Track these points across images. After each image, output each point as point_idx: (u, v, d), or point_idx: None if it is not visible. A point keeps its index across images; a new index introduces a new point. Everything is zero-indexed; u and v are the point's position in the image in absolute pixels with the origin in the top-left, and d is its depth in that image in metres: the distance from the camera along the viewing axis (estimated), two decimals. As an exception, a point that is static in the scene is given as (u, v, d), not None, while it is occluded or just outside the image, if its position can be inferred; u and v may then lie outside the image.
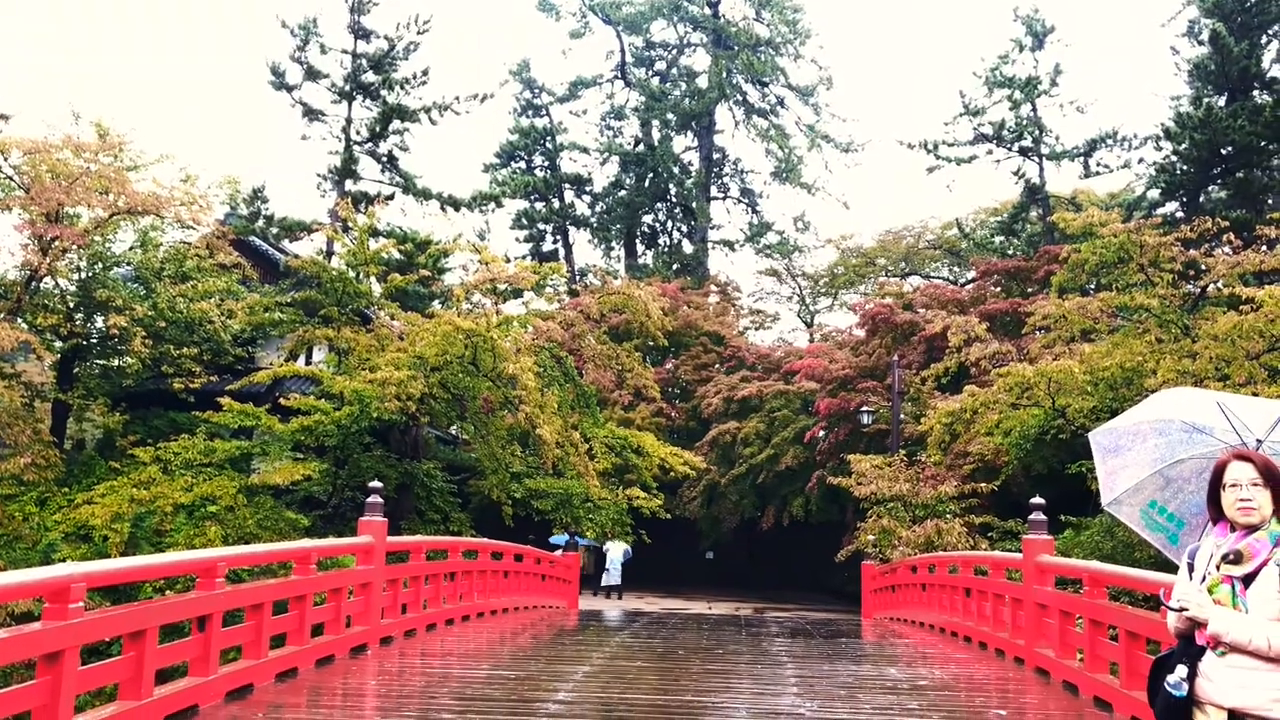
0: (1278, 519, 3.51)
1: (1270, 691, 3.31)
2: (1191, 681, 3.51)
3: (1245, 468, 3.53)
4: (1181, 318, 17.59)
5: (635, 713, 7.98)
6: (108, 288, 19.75)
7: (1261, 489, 3.49)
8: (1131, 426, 4.24)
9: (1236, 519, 3.51)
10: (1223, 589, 3.45)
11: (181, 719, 7.01)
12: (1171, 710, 3.54)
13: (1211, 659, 3.45)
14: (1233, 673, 3.37)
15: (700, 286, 41.66)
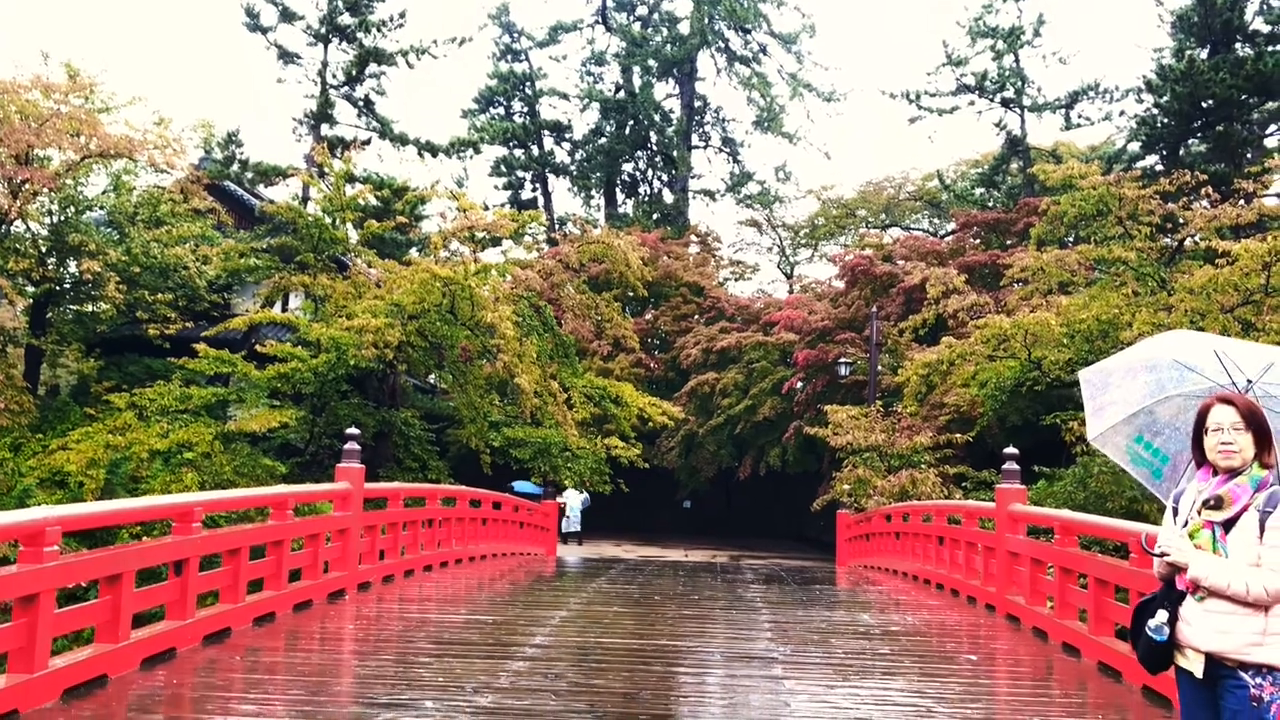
0: (1260, 463, 3.52)
1: (1247, 636, 3.35)
2: (1172, 626, 3.53)
3: (1227, 411, 3.53)
4: (1158, 271, 17.69)
5: (611, 656, 8.06)
6: (80, 232, 19.47)
7: (1243, 432, 3.49)
8: (1123, 364, 4.25)
9: (1218, 463, 3.51)
10: (1204, 534, 3.46)
11: (159, 661, 7.04)
12: (1153, 653, 3.58)
13: (1191, 604, 3.47)
14: (1211, 617, 3.39)
15: (680, 236, 41.49)
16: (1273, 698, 3.35)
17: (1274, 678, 3.36)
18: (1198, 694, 3.53)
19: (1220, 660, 3.40)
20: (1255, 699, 3.34)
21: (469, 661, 7.58)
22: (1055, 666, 8.32)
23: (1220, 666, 3.42)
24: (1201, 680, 3.48)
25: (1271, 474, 3.53)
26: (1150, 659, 3.61)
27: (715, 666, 7.86)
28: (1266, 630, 3.33)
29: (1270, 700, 3.34)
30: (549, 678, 7.11)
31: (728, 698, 6.80)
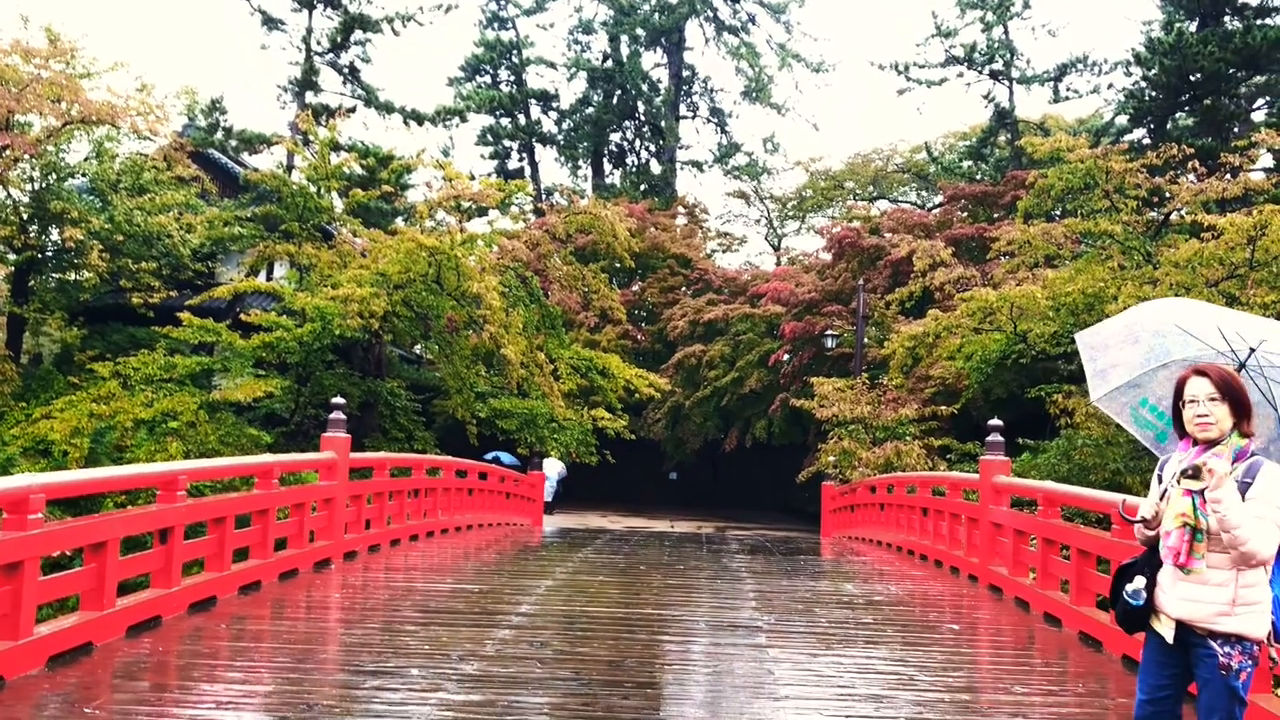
0: (1240, 432, 3.56)
1: (1214, 606, 3.42)
2: (1150, 591, 3.61)
3: (1202, 383, 3.56)
4: (1144, 244, 17.72)
5: (596, 624, 8.10)
6: (62, 199, 19.28)
7: (1219, 403, 3.53)
8: (1122, 328, 4.27)
9: (1196, 434, 3.56)
10: (1183, 502, 3.50)
11: (145, 629, 7.04)
12: (1129, 616, 3.66)
13: (1167, 571, 3.53)
14: (1183, 586, 3.47)
15: (668, 208, 41.35)
16: (1240, 665, 3.42)
17: (1242, 647, 3.43)
18: (1165, 655, 3.61)
19: (1191, 628, 3.47)
20: (1224, 667, 3.42)
21: (455, 630, 7.61)
22: (1037, 636, 8.41)
23: (1191, 634, 3.49)
24: (1172, 645, 3.55)
25: (1251, 443, 3.56)
26: (1127, 621, 3.70)
27: (700, 635, 7.91)
28: (1235, 601, 3.40)
29: (1239, 668, 3.42)
30: (535, 646, 7.15)
31: (712, 665, 6.84)
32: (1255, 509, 3.39)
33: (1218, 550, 3.46)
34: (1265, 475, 3.47)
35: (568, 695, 5.88)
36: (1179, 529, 3.50)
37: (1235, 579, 3.45)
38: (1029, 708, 6.00)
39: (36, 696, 5.44)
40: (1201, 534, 3.47)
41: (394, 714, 5.32)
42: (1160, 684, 3.62)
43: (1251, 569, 3.45)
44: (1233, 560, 3.45)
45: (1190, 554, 3.48)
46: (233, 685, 5.89)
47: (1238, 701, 3.46)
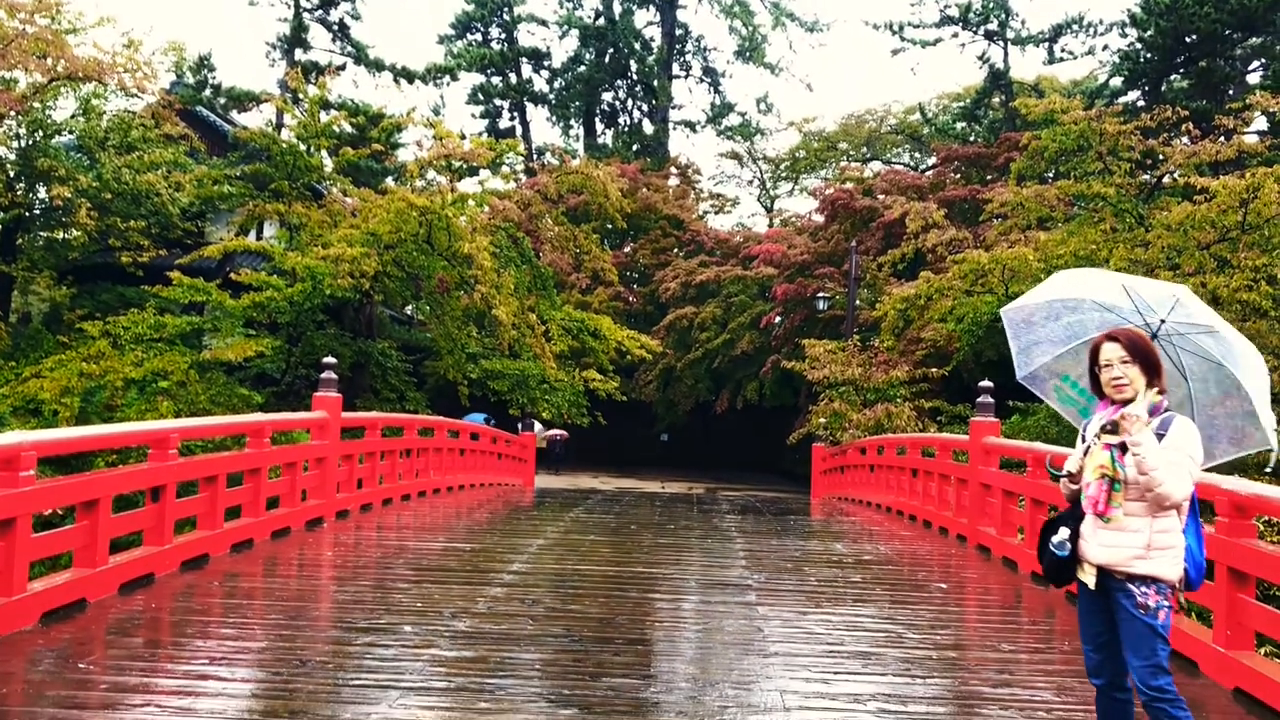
0: (1154, 389, 3.78)
1: (1130, 550, 3.67)
2: (1075, 543, 3.83)
3: (1114, 347, 3.78)
4: (1136, 207, 17.71)
5: (587, 583, 8.16)
6: (49, 156, 19.10)
7: (1131, 365, 3.75)
8: (1043, 304, 4.40)
9: (1113, 395, 3.77)
10: (1103, 455, 3.73)
11: (138, 586, 7.07)
12: (1056, 567, 3.89)
13: (1088, 522, 3.77)
14: (1102, 534, 3.71)
15: (660, 168, 41.16)
16: (1158, 604, 3.67)
17: (1158, 587, 3.67)
18: (1093, 603, 3.86)
19: (1110, 573, 3.72)
20: (1142, 606, 3.67)
21: (447, 588, 7.66)
22: (1024, 595, 8.49)
23: (1111, 579, 3.74)
24: (1096, 591, 3.80)
25: (1164, 399, 3.81)
26: (1054, 572, 3.93)
27: (690, 593, 7.97)
28: (1150, 545, 3.66)
29: (1156, 606, 3.66)
30: (526, 603, 7.20)
31: (702, 623, 6.90)
32: (1168, 455, 3.64)
33: (1134, 499, 3.69)
34: (1177, 426, 3.72)
35: (559, 652, 5.93)
36: (1098, 480, 3.73)
37: (1149, 525, 3.67)
38: (1015, 664, 6.07)
39: (30, 652, 5.46)
40: (1119, 484, 3.69)
41: (387, 670, 5.36)
42: (1098, 630, 3.85)
43: (1164, 516, 3.68)
44: (1147, 508, 3.68)
45: (1108, 503, 3.71)
46: (226, 641, 5.92)
47: (1159, 639, 3.68)
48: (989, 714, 5.03)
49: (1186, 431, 3.72)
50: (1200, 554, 3.83)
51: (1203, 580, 3.87)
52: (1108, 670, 3.86)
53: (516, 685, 5.21)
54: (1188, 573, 3.78)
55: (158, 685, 4.95)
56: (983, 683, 5.61)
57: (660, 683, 5.43)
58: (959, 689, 5.52)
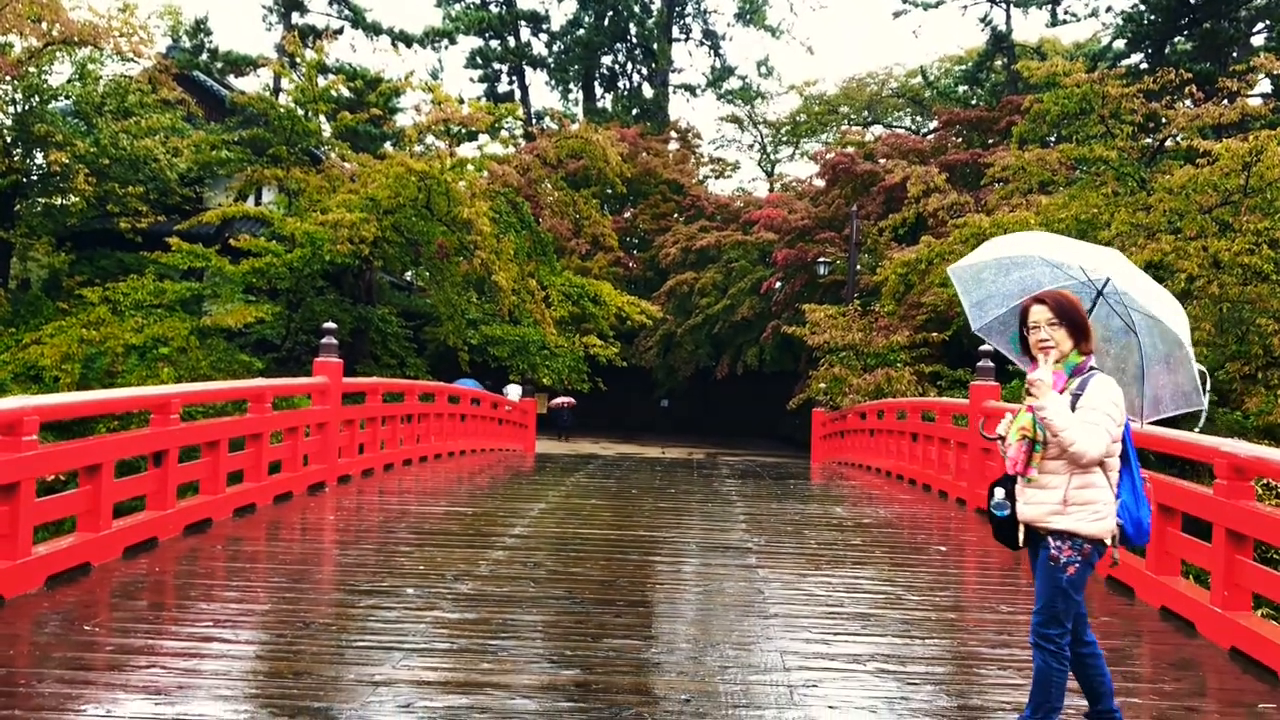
0: (1078, 351, 3.84)
1: (1048, 506, 3.77)
2: (1014, 503, 3.94)
3: (1042, 309, 3.84)
4: (1138, 170, 17.63)
5: (589, 546, 8.20)
6: (46, 122, 19.00)
7: (1058, 327, 3.81)
8: (992, 261, 4.46)
9: (1039, 357, 3.84)
10: (1026, 416, 3.82)
11: (141, 550, 7.10)
12: (999, 527, 3.99)
13: (1020, 483, 3.88)
14: (1027, 492, 3.84)
15: (660, 133, 40.94)
16: (1068, 559, 3.77)
17: (1072, 543, 3.76)
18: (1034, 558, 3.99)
19: (1033, 529, 3.85)
20: (1053, 559, 3.77)
21: (449, 551, 7.70)
22: (1023, 558, 8.49)
23: (1035, 535, 3.87)
24: (1031, 548, 3.95)
25: (1088, 360, 3.86)
26: (999, 533, 4.02)
27: (691, 556, 8.02)
28: (1066, 501, 3.75)
29: (1066, 561, 3.77)
30: (528, 566, 7.24)
31: (703, 585, 6.95)
32: (1083, 415, 3.70)
33: (1052, 458, 3.78)
34: (1095, 384, 3.77)
35: (561, 613, 5.97)
36: (1019, 441, 3.84)
37: (1067, 482, 3.75)
38: (1014, 626, 6.11)
39: (36, 614, 5.50)
40: (1039, 444, 3.79)
41: (390, 632, 5.40)
42: None
43: (1083, 473, 3.76)
44: (1066, 466, 3.77)
45: (1028, 463, 3.82)
46: (230, 604, 5.96)
47: (1060, 594, 3.79)
48: (987, 674, 5.08)
49: (1104, 390, 3.76)
50: (1138, 509, 3.91)
51: (1145, 536, 3.95)
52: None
53: (519, 646, 5.25)
54: (1123, 528, 3.87)
55: (163, 647, 4.99)
56: (981, 643, 5.66)
57: (661, 644, 5.47)
58: (958, 649, 5.57)
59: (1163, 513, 6.62)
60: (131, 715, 4.05)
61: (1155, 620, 6.30)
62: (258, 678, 4.64)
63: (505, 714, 4.21)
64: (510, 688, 4.55)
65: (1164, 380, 4.21)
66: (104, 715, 4.04)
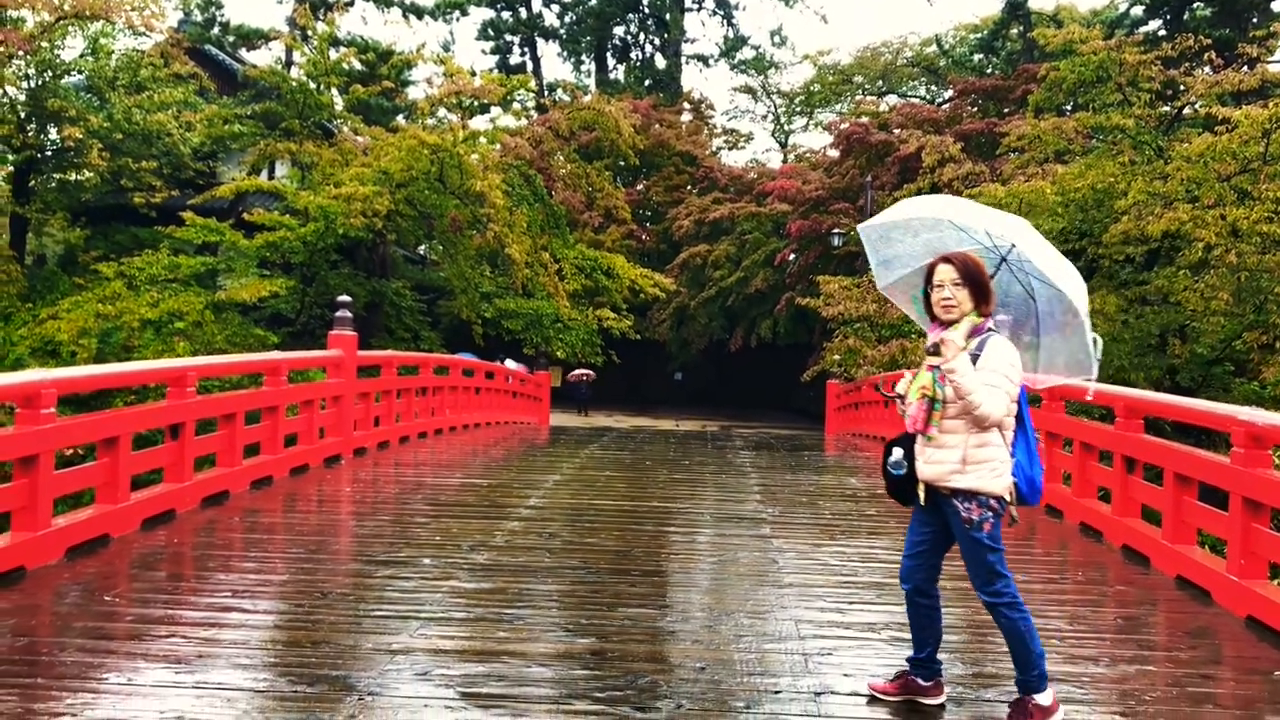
0: (978, 313, 3.85)
1: (948, 465, 3.81)
2: (911, 462, 3.97)
3: (948, 269, 3.85)
4: (1156, 139, 17.44)
5: (604, 517, 8.23)
6: (59, 97, 19.04)
7: (961, 287, 3.82)
8: (901, 222, 4.46)
9: (941, 316, 3.86)
10: (926, 375, 3.85)
11: (159, 522, 7.16)
12: (897, 486, 4.03)
13: (919, 441, 3.89)
14: (927, 451, 3.86)
15: (673, 104, 40.71)
16: (981, 518, 3.80)
17: (978, 501, 3.80)
18: (926, 515, 4.02)
19: (936, 488, 3.87)
20: (966, 521, 3.81)
21: (465, 522, 7.74)
22: (1038, 528, 8.52)
23: (938, 494, 3.89)
24: (929, 506, 3.96)
25: (987, 321, 3.88)
26: (896, 492, 4.06)
27: (705, 526, 8.03)
28: (965, 460, 3.78)
29: (979, 520, 3.80)
30: (543, 537, 7.27)
31: (717, 555, 6.97)
32: (983, 377, 3.74)
33: (951, 417, 3.80)
34: (992, 346, 3.81)
35: (576, 583, 6.00)
36: (919, 400, 3.85)
37: (965, 441, 3.78)
38: (1029, 595, 6.07)
39: (57, 585, 5.56)
40: (939, 403, 3.80)
41: (407, 601, 5.44)
42: (918, 540, 4.04)
43: (980, 432, 3.78)
44: (966, 425, 3.78)
45: (927, 422, 3.84)
46: (248, 575, 6.01)
47: (988, 550, 3.84)
48: (1001, 642, 5.06)
49: (1001, 351, 3.80)
50: (1031, 469, 3.95)
51: (1039, 495, 4.00)
52: (916, 577, 4.09)
53: (534, 615, 5.28)
54: (1018, 487, 3.91)
55: (182, 617, 5.03)
56: (996, 612, 5.65)
57: (676, 612, 5.50)
58: (972, 618, 5.57)
59: (1179, 482, 6.60)
60: (152, 684, 4.09)
61: (1171, 589, 6.29)
62: (276, 647, 4.69)
63: (521, 681, 4.24)
64: (526, 656, 4.58)
65: (1059, 346, 4.23)
66: (125, 683, 4.09)
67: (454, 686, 4.15)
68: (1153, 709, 4.16)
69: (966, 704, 4.18)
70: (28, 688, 3.99)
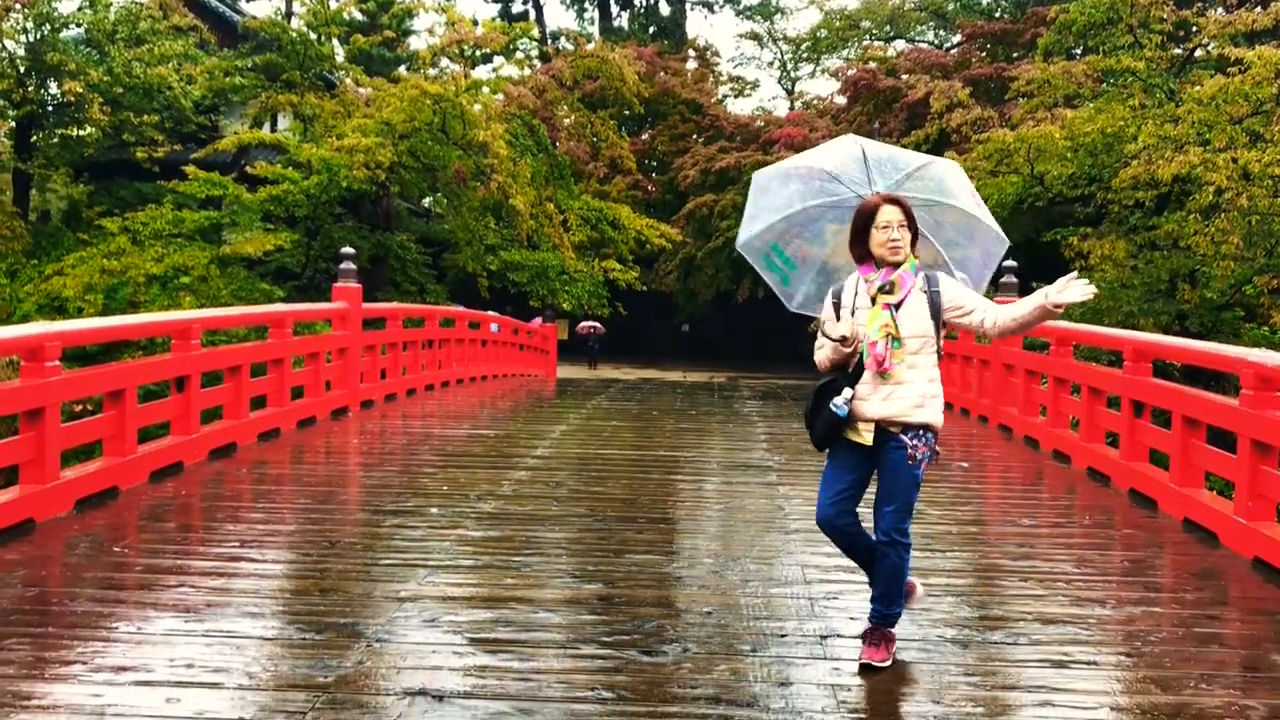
0: (913, 255, 3.94)
1: (909, 401, 3.85)
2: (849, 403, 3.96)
3: (895, 210, 3.87)
4: (1167, 81, 17.19)
5: (610, 466, 8.25)
6: (59, 51, 18.87)
7: (905, 229, 3.88)
8: (782, 172, 4.45)
9: (886, 257, 3.87)
10: (883, 314, 3.86)
11: (167, 475, 7.18)
12: (832, 429, 3.96)
13: (866, 379, 3.88)
14: (883, 389, 3.86)
15: (678, 51, 40.21)
16: (923, 456, 3.88)
17: (924, 438, 3.88)
18: (853, 461, 3.97)
19: (886, 426, 3.86)
20: (911, 457, 3.86)
21: (472, 472, 7.76)
22: (1045, 472, 8.53)
23: (885, 433, 3.88)
24: (858, 450, 3.93)
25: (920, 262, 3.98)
26: (828, 435, 3.99)
27: (712, 475, 8.05)
28: (924, 395, 3.86)
29: (921, 458, 3.88)
30: (550, 486, 7.29)
31: (724, 502, 6.98)
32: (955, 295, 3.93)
33: (913, 353, 3.87)
34: (946, 280, 3.98)
35: (583, 530, 6.02)
36: (883, 339, 3.85)
37: (923, 376, 3.88)
38: (1035, 539, 6.12)
39: (67, 537, 5.59)
40: (899, 341, 3.85)
41: (415, 549, 5.46)
42: (843, 488, 3.99)
43: (932, 368, 3.90)
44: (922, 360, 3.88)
45: (890, 359, 3.86)
46: (256, 526, 6.04)
47: (915, 488, 3.92)
48: (1008, 585, 5.09)
49: (953, 281, 4.01)
50: None
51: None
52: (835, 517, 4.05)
53: (542, 562, 5.30)
54: None
55: (192, 567, 5.06)
56: (1003, 556, 5.67)
57: (683, 558, 5.52)
58: (979, 562, 5.59)
59: (1187, 425, 6.58)
60: (163, 632, 4.12)
61: (1178, 532, 6.29)
62: (285, 595, 4.71)
63: (529, 627, 4.26)
64: (534, 602, 4.60)
65: (973, 255, 4.28)
66: (135, 632, 4.11)
67: (462, 632, 4.17)
68: (1158, 649, 4.17)
69: (973, 646, 4.19)
70: (39, 637, 4.02)
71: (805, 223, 4.32)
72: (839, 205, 4.19)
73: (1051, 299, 3.67)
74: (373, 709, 3.39)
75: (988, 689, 3.73)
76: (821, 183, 4.25)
